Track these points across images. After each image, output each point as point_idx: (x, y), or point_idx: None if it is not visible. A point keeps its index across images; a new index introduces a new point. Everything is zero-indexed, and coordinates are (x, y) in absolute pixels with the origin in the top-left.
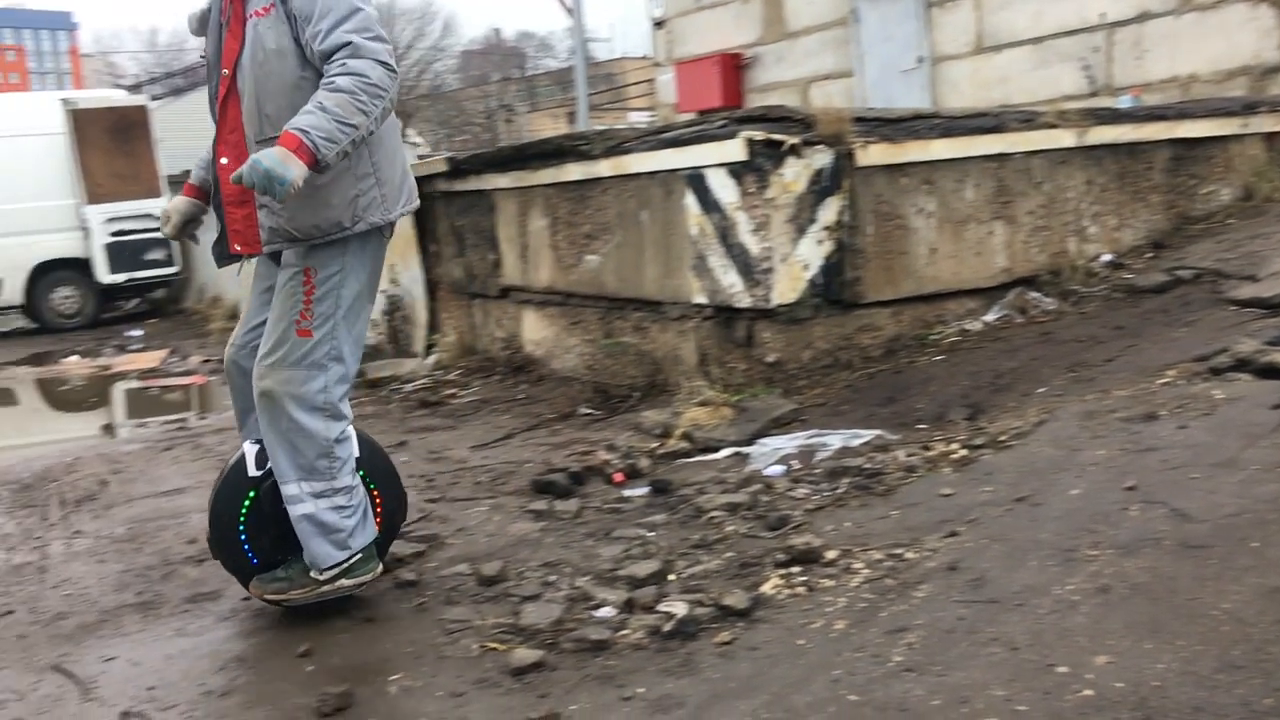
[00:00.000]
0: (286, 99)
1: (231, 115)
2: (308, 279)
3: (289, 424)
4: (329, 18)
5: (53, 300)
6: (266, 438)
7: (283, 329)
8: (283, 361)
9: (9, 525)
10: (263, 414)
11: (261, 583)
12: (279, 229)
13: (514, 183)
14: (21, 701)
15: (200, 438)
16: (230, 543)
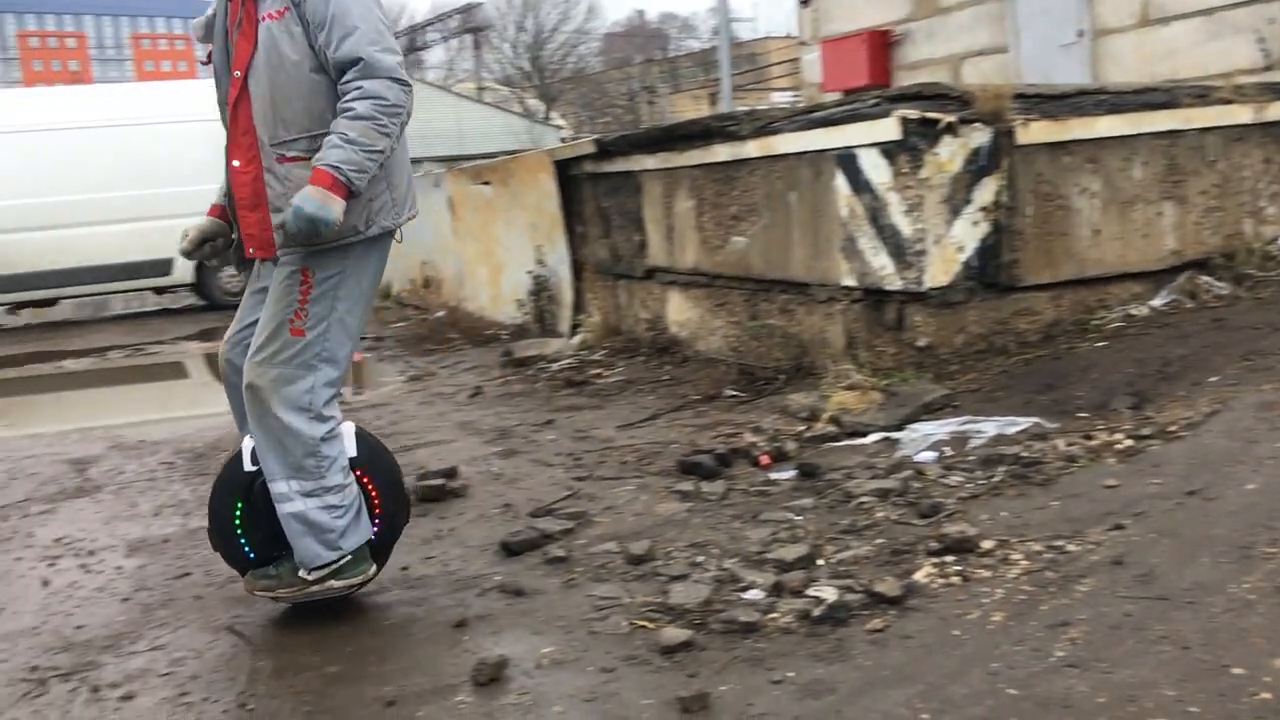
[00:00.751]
0: (302, 102)
1: (244, 118)
2: (305, 279)
3: (275, 422)
4: (339, 27)
5: (220, 279)
6: (255, 435)
7: (275, 327)
8: (272, 359)
9: (185, 492)
10: (251, 411)
11: (254, 578)
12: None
13: (660, 164)
14: (199, 659)
15: (358, 412)
16: (227, 536)
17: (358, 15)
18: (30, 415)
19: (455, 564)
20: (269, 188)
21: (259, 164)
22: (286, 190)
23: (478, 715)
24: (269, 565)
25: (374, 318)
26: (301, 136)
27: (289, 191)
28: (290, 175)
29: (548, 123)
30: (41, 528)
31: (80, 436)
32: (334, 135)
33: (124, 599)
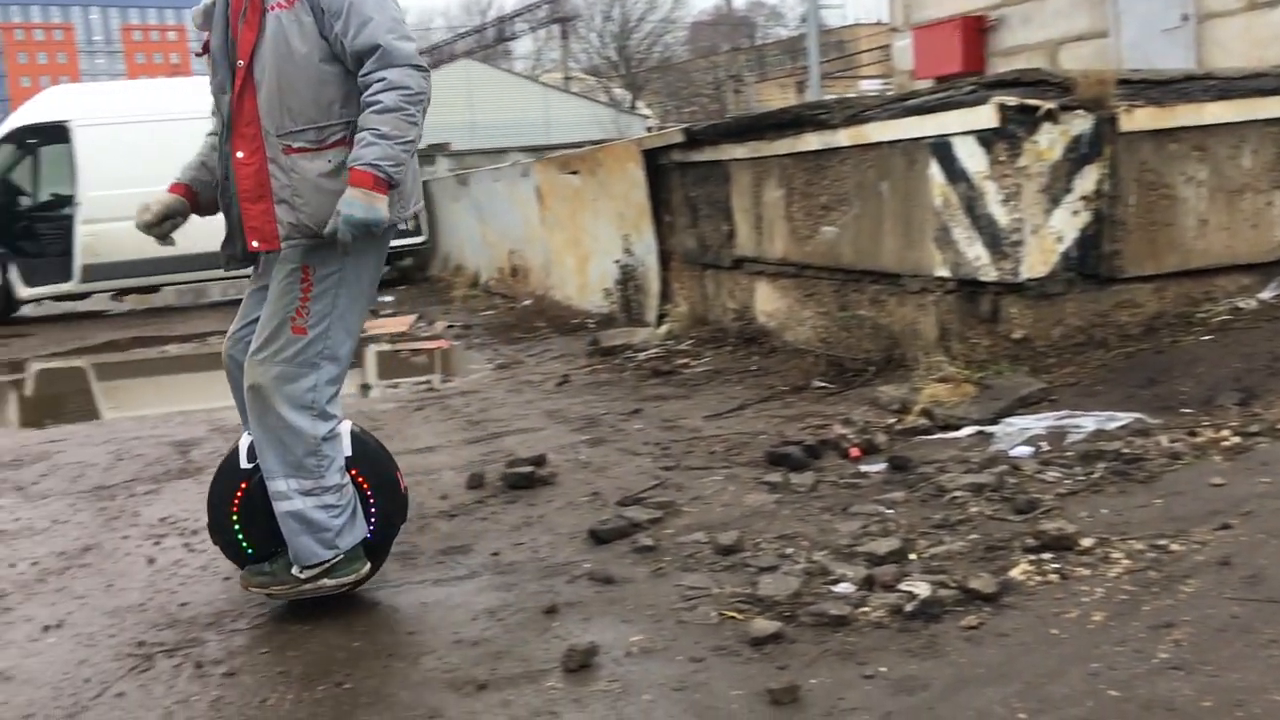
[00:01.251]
0: (310, 93)
1: (248, 108)
2: (305, 277)
3: (276, 420)
4: (356, 16)
5: None
6: (255, 433)
7: (276, 325)
8: (274, 358)
9: None
10: (252, 409)
11: (249, 574)
12: (299, 225)
13: (750, 153)
14: (297, 639)
15: (448, 399)
16: (225, 531)
17: (373, 4)
18: (135, 398)
19: (544, 550)
20: (273, 179)
21: (263, 155)
22: (291, 182)
23: (568, 701)
24: (265, 561)
25: (462, 305)
26: (308, 127)
27: (294, 184)
28: (296, 167)
29: (633, 112)
30: (147, 507)
31: (183, 419)
32: (365, 132)
33: (225, 578)
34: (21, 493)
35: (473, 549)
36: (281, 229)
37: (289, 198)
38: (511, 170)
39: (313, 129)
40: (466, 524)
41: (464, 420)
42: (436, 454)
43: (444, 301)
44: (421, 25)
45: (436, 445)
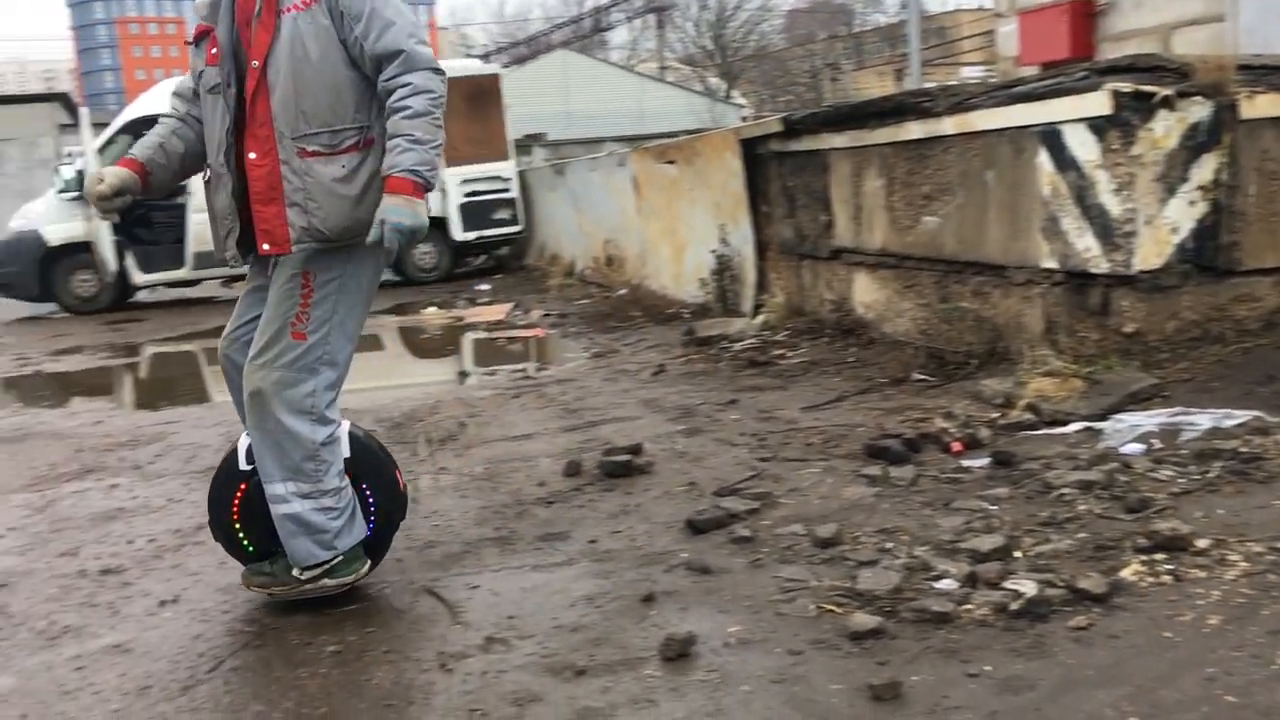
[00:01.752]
0: (326, 96)
1: (261, 110)
2: (306, 283)
3: (275, 425)
4: (379, 20)
5: (414, 255)
6: (254, 436)
7: (275, 330)
8: (273, 363)
9: None
10: (251, 413)
11: (250, 574)
12: (311, 229)
13: (850, 142)
14: (401, 619)
15: (544, 387)
16: (226, 530)
17: (394, 9)
18: None
19: (641, 539)
20: (286, 181)
21: (275, 157)
22: (305, 186)
23: (666, 690)
24: (265, 560)
25: (558, 294)
26: (323, 131)
27: (307, 187)
28: (311, 170)
29: (729, 101)
30: None
31: None
32: (399, 139)
33: None
34: (139, 472)
35: (570, 536)
36: (293, 232)
37: (301, 201)
38: (608, 160)
39: (327, 132)
40: (564, 511)
41: (560, 408)
42: (534, 441)
43: (539, 290)
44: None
45: (534, 432)
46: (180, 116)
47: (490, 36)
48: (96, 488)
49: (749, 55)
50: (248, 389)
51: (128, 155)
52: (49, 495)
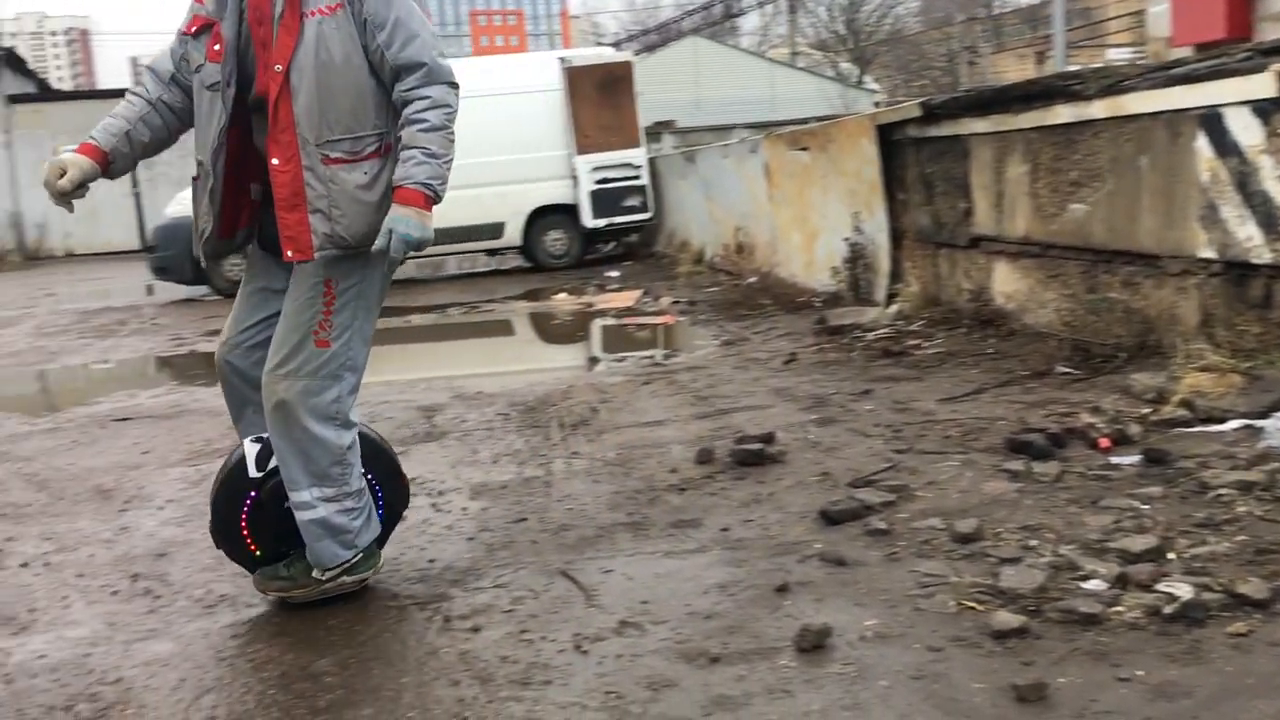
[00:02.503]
0: (349, 102)
1: (284, 115)
2: (328, 290)
3: (302, 433)
4: (403, 30)
5: (545, 242)
6: (278, 446)
7: (298, 339)
8: (298, 372)
9: (519, 443)
10: (275, 424)
11: (265, 578)
12: (334, 236)
13: (992, 127)
14: (537, 600)
15: (674, 374)
16: (233, 538)
17: (418, 21)
18: (383, 364)
19: (774, 529)
20: (309, 188)
21: (298, 163)
22: (329, 193)
23: (801, 681)
24: (278, 564)
25: (687, 281)
26: (345, 137)
27: (332, 194)
28: (335, 178)
29: (861, 87)
30: None
31: (426, 386)
32: (415, 150)
33: (469, 538)
34: None
35: (703, 523)
36: (316, 239)
37: (325, 208)
38: (740, 146)
39: (349, 139)
40: (696, 498)
41: (691, 395)
42: (665, 428)
43: (668, 277)
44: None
45: (664, 419)
46: (150, 100)
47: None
48: None
49: (883, 39)
50: (271, 400)
51: (90, 140)
52: (203, 470)
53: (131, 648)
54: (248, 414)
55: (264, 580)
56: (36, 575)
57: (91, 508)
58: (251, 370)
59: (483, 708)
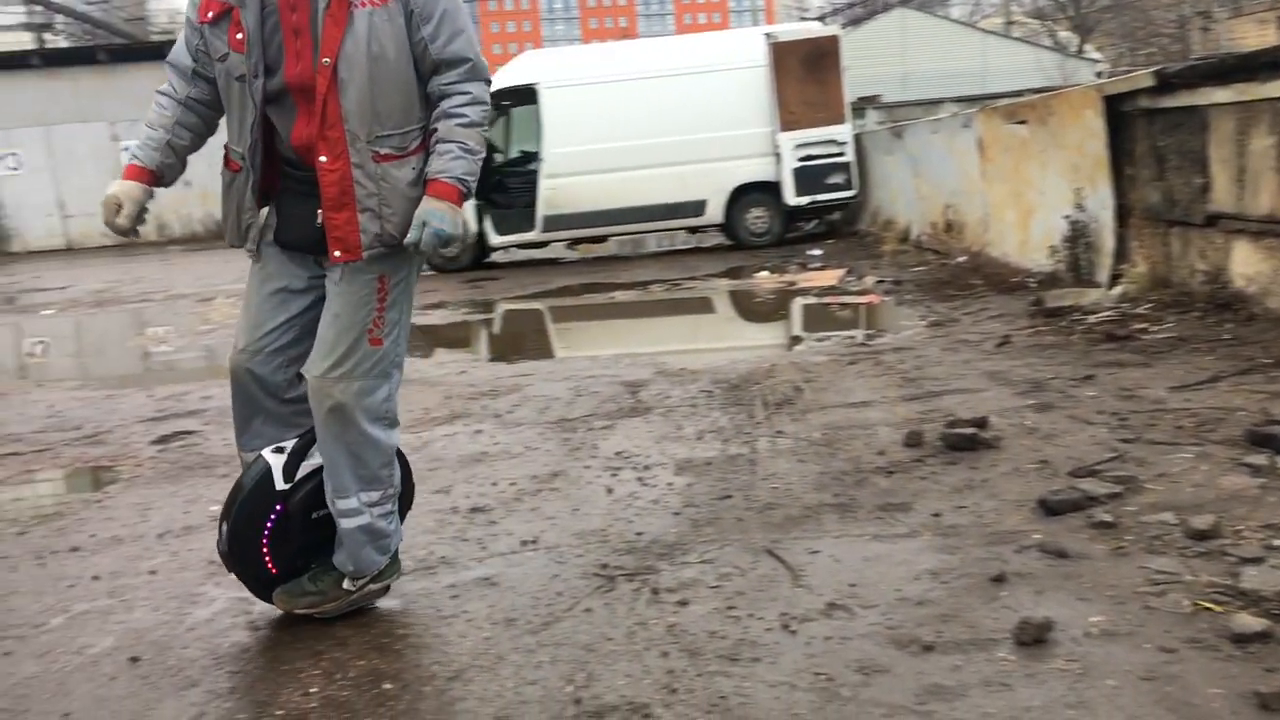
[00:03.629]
0: (399, 97)
1: (332, 111)
2: (381, 287)
3: (357, 436)
4: (450, 24)
5: (747, 220)
6: (329, 452)
7: (353, 339)
8: (353, 373)
9: (723, 419)
10: (329, 428)
11: (289, 596)
12: (384, 234)
13: (1234, 96)
14: (744, 577)
15: (880, 354)
16: (250, 557)
17: (463, 15)
18: (587, 340)
19: (989, 516)
20: (358, 186)
21: (347, 160)
22: (379, 191)
23: (1021, 675)
24: (299, 579)
25: (891, 260)
26: (395, 133)
27: (381, 193)
28: (387, 176)
29: (1081, 56)
30: (604, 441)
31: (630, 361)
32: (453, 144)
33: (675, 513)
34: (499, 420)
35: (912, 508)
36: (365, 239)
37: (375, 206)
38: (951, 121)
39: (399, 134)
40: (905, 482)
41: (898, 377)
42: (871, 409)
43: (873, 256)
44: None
45: (871, 400)
46: (180, 100)
47: None
48: (464, 432)
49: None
50: (325, 404)
51: (134, 162)
52: (424, 436)
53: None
54: (255, 424)
55: (289, 598)
56: None
57: None
58: (272, 376)
59: (692, 680)
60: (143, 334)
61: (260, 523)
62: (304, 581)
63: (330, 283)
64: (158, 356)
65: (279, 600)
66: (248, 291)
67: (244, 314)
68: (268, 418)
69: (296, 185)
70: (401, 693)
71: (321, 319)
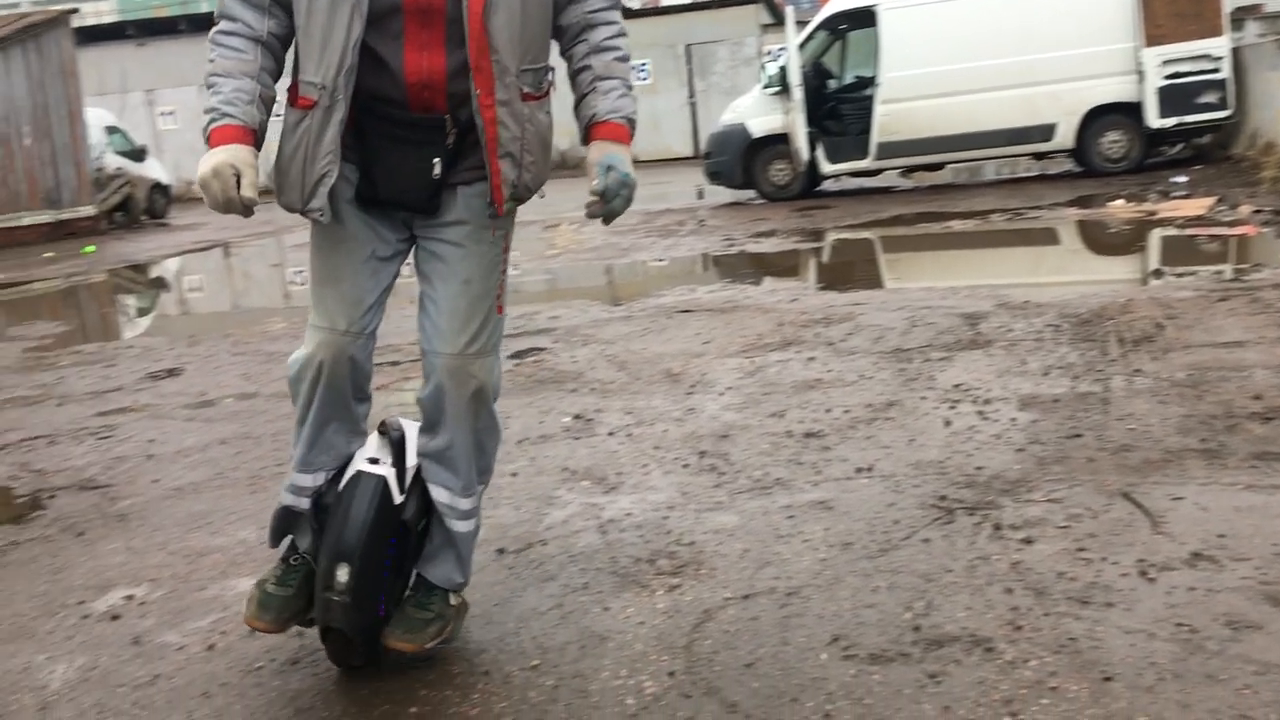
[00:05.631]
0: (540, 28)
1: (480, 36)
2: (506, 248)
3: (487, 421)
4: None
5: (1100, 144)
6: (462, 444)
7: (486, 309)
8: (486, 348)
9: (1072, 355)
10: (467, 416)
11: (410, 633)
12: (520, 185)
13: None
14: (1095, 520)
15: (1258, 291)
16: (371, 604)
17: None
18: (921, 269)
19: None
20: (501, 127)
21: (494, 97)
22: (523, 134)
23: None
24: (405, 612)
25: (1271, 188)
26: (534, 69)
27: (525, 136)
28: (533, 117)
29: None
30: (941, 373)
31: (969, 293)
32: (617, 81)
33: (1018, 449)
34: (832, 348)
35: None
36: (505, 190)
37: (517, 152)
38: None
39: (536, 71)
40: None
41: (1278, 315)
42: (1246, 350)
43: (1249, 184)
44: None
45: (1245, 340)
46: (259, 38)
47: None
48: (796, 359)
49: None
50: (470, 386)
51: (235, 122)
52: (757, 361)
53: (702, 516)
54: (328, 433)
55: (411, 635)
56: (621, 444)
57: (663, 388)
58: (367, 364)
59: (1038, 619)
60: None
61: (383, 553)
62: (411, 612)
63: (444, 244)
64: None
65: (400, 643)
66: (325, 261)
67: (331, 287)
68: (342, 424)
69: (396, 130)
70: (741, 613)
71: (440, 287)
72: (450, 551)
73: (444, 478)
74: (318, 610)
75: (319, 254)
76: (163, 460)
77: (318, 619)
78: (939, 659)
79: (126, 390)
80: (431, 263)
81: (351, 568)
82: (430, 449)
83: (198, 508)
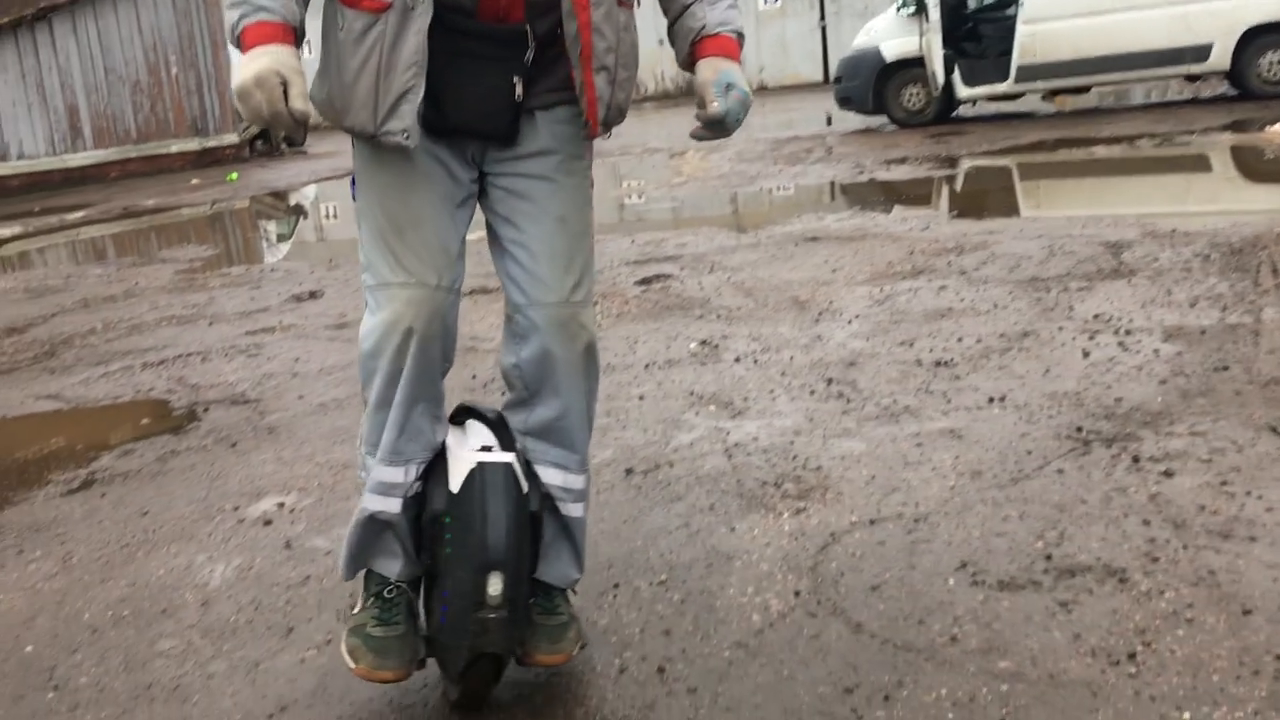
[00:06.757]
0: None
1: None
2: (591, 181)
3: (596, 383)
4: None
5: (1260, 66)
6: (577, 409)
7: (586, 249)
8: (587, 297)
9: (1221, 286)
10: (579, 376)
11: (554, 645)
12: (615, 104)
13: None
14: (1240, 454)
15: None
16: (524, 606)
17: None
18: (1061, 197)
19: None
20: (597, 35)
21: (590, 6)
22: (618, 45)
23: None
24: (541, 615)
25: None
26: None
27: (620, 48)
28: (629, 25)
29: None
30: (1080, 303)
31: (1112, 221)
32: None
33: (1161, 381)
34: (964, 276)
35: None
36: (600, 109)
37: (611, 65)
38: None
39: None
40: None
41: None
42: None
43: None
44: None
45: None
46: None
47: None
48: (927, 287)
49: None
50: (582, 340)
51: (265, 18)
52: (887, 290)
53: (828, 442)
54: (415, 415)
55: (557, 647)
56: (747, 370)
57: (790, 316)
58: (455, 328)
59: (1176, 552)
60: (620, 186)
61: (528, 554)
62: (543, 621)
63: (528, 179)
64: (635, 207)
65: (547, 657)
66: (398, 202)
67: (412, 232)
68: (429, 404)
69: (475, 46)
70: (867, 537)
71: (531, 229)
72: (565, 545)
73: (555, 455)
74: (464, 637)
75: (390, 195)
76: (307, 378)
77: (466, 647)
78: (1070, 588)
79: (272, 311)
80: (512, 202)
81: (505, 575)
82: (534, 424)
83: (340, 423)
